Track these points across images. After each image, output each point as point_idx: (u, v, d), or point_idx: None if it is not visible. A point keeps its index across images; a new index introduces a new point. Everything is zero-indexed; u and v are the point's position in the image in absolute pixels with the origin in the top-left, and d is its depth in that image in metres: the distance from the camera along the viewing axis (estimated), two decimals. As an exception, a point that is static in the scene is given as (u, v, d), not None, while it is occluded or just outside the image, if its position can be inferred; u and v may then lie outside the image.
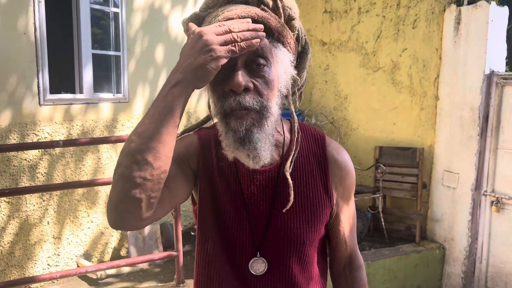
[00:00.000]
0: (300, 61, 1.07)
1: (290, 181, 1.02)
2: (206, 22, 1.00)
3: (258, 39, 0.90)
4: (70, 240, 3.75)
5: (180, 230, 3.22)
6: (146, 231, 4.01)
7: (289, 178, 1.02)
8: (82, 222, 3.82)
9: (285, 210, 1.03)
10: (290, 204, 1.02)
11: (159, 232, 4.09)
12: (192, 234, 4.32)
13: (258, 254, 1.05)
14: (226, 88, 0.94)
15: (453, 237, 4.14)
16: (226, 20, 0.93)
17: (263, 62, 0.95)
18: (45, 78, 3.47)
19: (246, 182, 1.06)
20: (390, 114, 4.60)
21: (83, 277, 3.66)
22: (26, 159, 3.44)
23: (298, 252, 1.06)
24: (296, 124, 1.07)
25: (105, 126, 3.90)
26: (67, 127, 3.65)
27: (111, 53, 4.02)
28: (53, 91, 3.61)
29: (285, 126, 1.10)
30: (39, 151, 3.50)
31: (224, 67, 0.90)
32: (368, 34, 4.66)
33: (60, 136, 3.60)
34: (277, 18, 0.98)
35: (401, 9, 4.47)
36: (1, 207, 3.31)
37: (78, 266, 3.76)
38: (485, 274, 4.01)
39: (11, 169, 3.37)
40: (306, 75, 1.13)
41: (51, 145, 3.10)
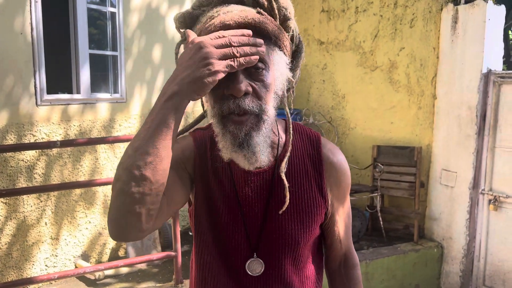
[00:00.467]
0: (294, 60, 1.07)
1: (285, 182, 1.02)
2: (201, 22, 0.98)
3: (257, 56, 0.89)
4: (68, 240, 3.74)
5: (178, 230, 3.22)
6: (144, 232, 4.00)
7: (284, 179, 1.02)
8: (80, 223, 3.81)
9: (281, 212, 1.03)
10: (286, 205, 1.02)
11: (157, 232, 4.08)
12: (190, 234, 4.32)
13: (255, 255, 1.05)
14: (226, 92, 0.93)
15: (451, 235, 4.15)
16: (223, 25, 0.92)
17: (262, 66, 0.94)
18: (42, 78, 3.46)
19: (241, 184, 1.05)
20: (388, 113, 4.61)
21: (81, 278, 3.65)
22: (23, 160, 3.43)
23: (293, 253, 1.06)
24: (290, 124, 1.06)
25: (102, 126, 3.89)
26: (65, 128, 3.64)
27: (108, 53, 4.01)
28: (50, 91, 3.60)
29: (279, 127, 1.10)
30: (37, 152, 3.49)
31: None
32: (365, 33, 4.66)
33: (57, 136, 3.59)
34: (273, 21, 0.97)
35: (398, 8, 4.47)
36: (-2, 208, 3.30)
37: (76, 267, 3.75)
38: (483, 273, 4.02)
39: (8, 169, 3.36)
40: (299, 73, 1.13)
41: (49, 145, 3.09)
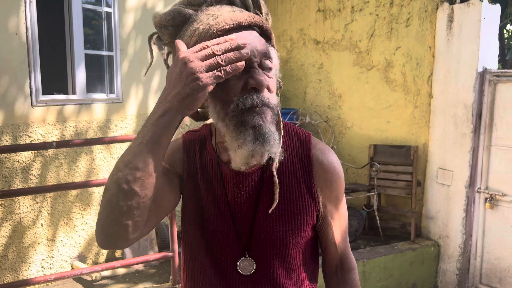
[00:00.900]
0: None
1: (276, 179, 1.02)
2: (201, 22, 0.96)
3: (243, 62, 0.88)
4: (64, 242, 3.72)
5: (175, 231, 3.20)
6: (141, 232, 3.99)
7: (275, 176, 1.02)
8: (76, 224, 3.79)
9: (270, 210, 1.03)
10: (276, 203, 1.02)
11: (154, 233, 4.07)
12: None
13: (247, 254, 1.05)
14: (248, 85, 0.93)
15: (447, 234, 4.16)
16: (236, 23, 0.93)
17: (271, 65, 0.97)
18: (37, 79, 3.44)
19: (230, 184, 1.05)
20: (384, 112, 4.62)
21: (78, 279, 3.63)
22: (18, 161, 3.41)
23: (282, 254, 1.06)
24: (281, 123, 1.05)
25: (98, 127, 3.88)
26: (60, 128, 3.62)
27: (104, 53, 3.99)
28: (45, 92, 3.58)
29: None
30: (32, 153, 3.47)
31: None
32: (361, 33, 4.67)
33: (53, 137, 3.57)
34: (265, 20, 1.00)
35: (394, 7, 4.48)
36: (-6, 210, 3.28)
37: (72, 268, 3.73)
38: (479, 271, 4.03)
39: (4, 171, 3.34)
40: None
41: (44, 146, 3.08)
